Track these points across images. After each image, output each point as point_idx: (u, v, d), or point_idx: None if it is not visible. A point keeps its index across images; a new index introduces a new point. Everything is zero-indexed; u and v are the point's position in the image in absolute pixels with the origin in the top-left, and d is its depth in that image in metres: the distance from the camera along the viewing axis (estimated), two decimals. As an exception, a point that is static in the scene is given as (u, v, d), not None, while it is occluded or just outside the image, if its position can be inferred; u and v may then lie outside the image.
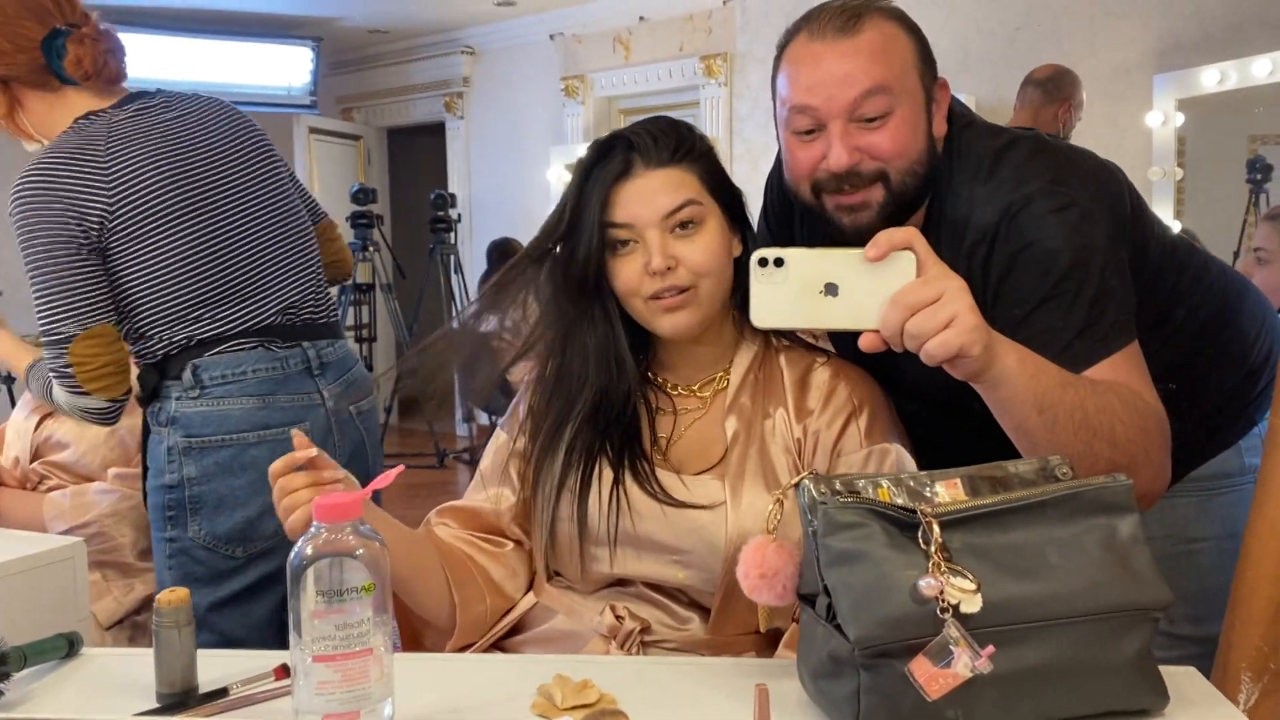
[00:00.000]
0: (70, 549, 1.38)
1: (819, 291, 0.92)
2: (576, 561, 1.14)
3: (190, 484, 1.51)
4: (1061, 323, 1.06)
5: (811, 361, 1.20)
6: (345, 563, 0.81)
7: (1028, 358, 0.96)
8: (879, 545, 0.83)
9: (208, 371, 1.52)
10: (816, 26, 1.10)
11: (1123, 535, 0.86)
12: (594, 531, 1.13)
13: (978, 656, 0.78)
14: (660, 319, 1.12)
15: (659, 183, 1.11)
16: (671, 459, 1.16)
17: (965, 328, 0.88)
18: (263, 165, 1.63)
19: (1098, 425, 0.98)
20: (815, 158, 1.11)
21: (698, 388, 1.19)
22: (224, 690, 0.93)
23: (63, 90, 1.54)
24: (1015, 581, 0.82)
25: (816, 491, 0.86)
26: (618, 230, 1.11)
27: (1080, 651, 0.82)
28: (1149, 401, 1.04)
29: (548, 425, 1.18)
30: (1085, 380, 1.01)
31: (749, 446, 1.14)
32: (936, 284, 0.89)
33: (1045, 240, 1.08)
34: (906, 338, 0.90)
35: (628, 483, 1.13)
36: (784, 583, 0.91)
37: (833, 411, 1.15)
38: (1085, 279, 1.07)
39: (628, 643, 1.10)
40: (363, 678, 0.81)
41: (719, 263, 1.13)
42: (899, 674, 0.79)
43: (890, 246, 0.90)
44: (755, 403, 1.16)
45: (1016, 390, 0.95)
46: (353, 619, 0.80)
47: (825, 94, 1.08)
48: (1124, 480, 0.87)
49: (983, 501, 0.85)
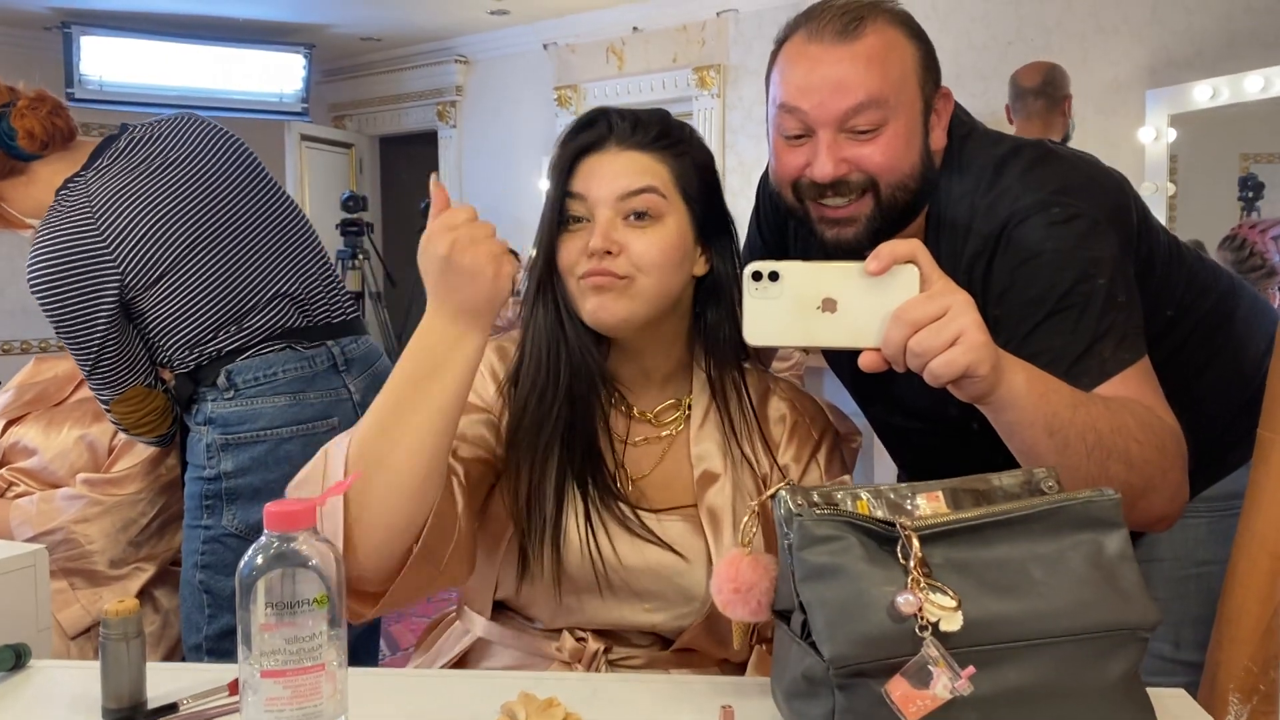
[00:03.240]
0: (31, 556, 1.34)
1: (816, 307, 0.88)
2: (548, 600, 1.06)
3: (227, 477, 1.59)
4: (1068, 338, 1.01)
5: (766, 388, 1.15)
6: (298, 573, 0.77)
7: (1036, 377, 0.91)
8: (856, 559, 0.79)
9: (241, 375, 1.59)
10: (816, 26, 1.04)
11: (1110, 551, 0.82)
12: (573, 572, 1.05)
13: (957, 678, 0.74)
14: (586, 299, 1.03)
15: (623, 164, 1.04)
16: (638, 496, 1.09)
17: (972, 345, 0.84)
18: (247, 173, 1.64)
19: (1112, 446, 0.93)
20: (800, 164, 1.06)
21: (656, 413, 1.12)
22: (174, 706, 0.89)
23: (30, 167, 1.59)
24: (997, 599, 0.79)
25: (793, 503, 0.82)
26: (574, 201, 1.04)
27: (1065, 673, 0.79)
28: (1164, 419, 0.99)
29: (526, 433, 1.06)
30: (1097, 399, 0.96)
31: (724, 483, 1.08)
32: (941, 299, 0.85)
33: (1049, 253, 1.03)
34: (910, 356, 0.85)
35: (603, 515, 1.04)
36: (759, 598, 0.88)
37: (797, 445, 1.12)
38: (1093, 292, 1.02)
39: (593, 664, 1.06)
40: (314, 694, 0.77)
41: (667, 262, 1.03)
42: (875, 695, 0.76)
43: (892, 259, 0.86)
44: (723, 434, 1.10)
45: (1025, 412, 0.90)
46: (304, 633, 0.76)
47: (816, 100, 1.03)
48: (1111, 494, 0.84)
49: (964, 515, 0.82)
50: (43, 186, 1.58)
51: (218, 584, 1.59)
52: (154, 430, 1.65)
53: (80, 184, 1.55)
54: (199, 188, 1.59)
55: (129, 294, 1.55)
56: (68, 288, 1.52)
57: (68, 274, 1.52)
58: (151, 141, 1.60)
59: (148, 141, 1.60)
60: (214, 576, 1.59)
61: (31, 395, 1.84)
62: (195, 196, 1.58)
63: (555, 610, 1.08)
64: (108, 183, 1.55)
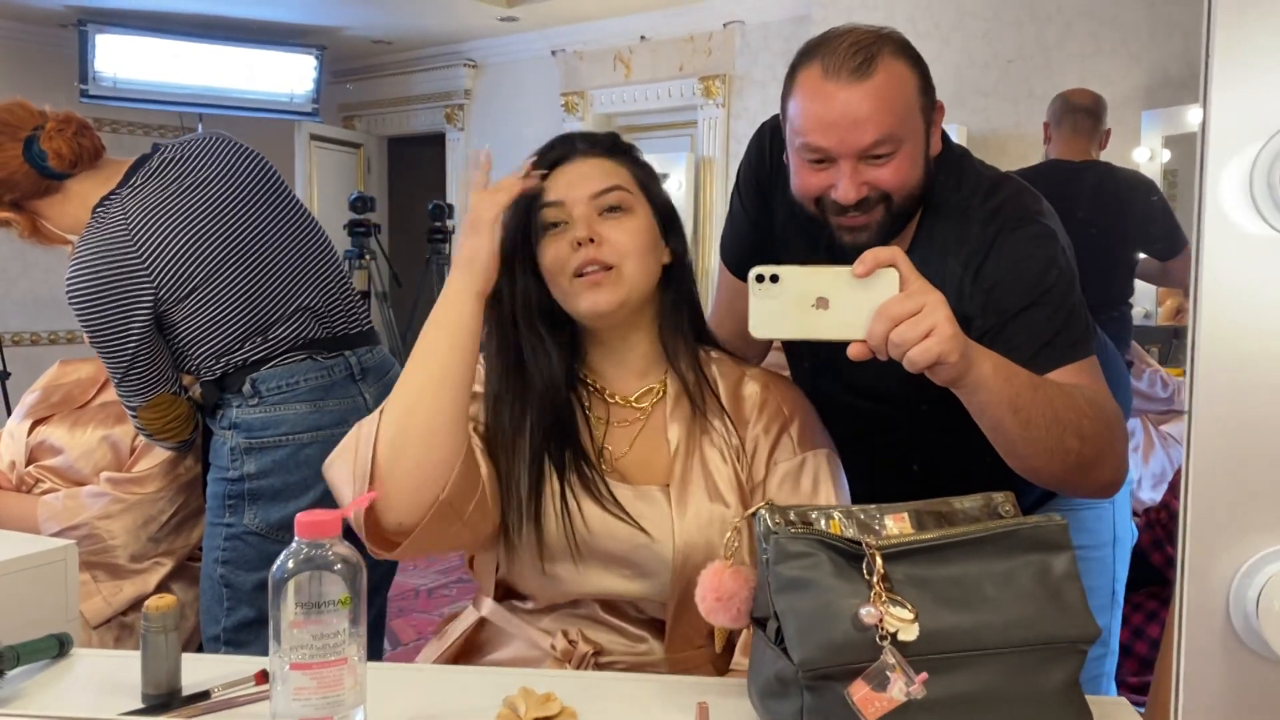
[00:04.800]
0: (62, 551, 1.43)
1: (811, 305, 1.01)
2: (534, 574, 1.17)
3: (250, 479, 1.69)
4: (1040, 327, 1.18)
5: (741, 373, 1.27)
6: (324, 576, 0.86)
7: (1001, 364, 1.05)
8: (826, 574, 0.88)
9: (265, 384, 1.68)
10: (831, 64, 1.17)
11: (1056, 571, 0.91)
12: (552, 544, 1.15)
13: (911, 683, 0.83)
14: (582, 296, 1.16)
15: (591, 167, 1.20)
16: (619, 471, 1.20)
17: (943, 337, 0.97)
18: (271, 191, 1.74)
19: (1067, 422, 1.07)
20: (823, 184, 1.21)
21: (635, 398, 1.24)
22: (206, 693, 0.98)
23: (63, 186, 1.69)
24: (952, 612, 0.88)
25: (771, 521, 0.92)
26: (550, 210, 1.18)
27: (1010, 680, 0.87)
28: (1109, 403, 1.16)
29: (504, 426, 1.18)
30: (1053, 382, 1.11)
31: (690, 457, 1.19)
32: (918, 298, 0.98)
33: (1034, 260, 1.21)
34: (890, 347, 0.98)
35: (577, 491, 1.16)
36: (739, 606, 0.96)
37: (766, 420, 1.23)
38: (1065, 294, 1.20)
39: (582, 665, 1.14)
40: (337, 685, 0.86)
41: (644, 246, 1.18)
42: (839, 696, 0.84)
43: (876, 264, 0.99)
44: (695, 412, 1.21)
45: (993, 394, 1.03)
46: (329, 630, 0.85)
47: (838, 137, 1.17)
48: (1058, 520, 0.93)
49: (925, 536, 0.91)
50: (77, 203, 1.68)
51: (237, 579, 1.68)
52: (177, 436, 1.75)
53: (116, 202, 1.65)
54: (228, 207, 1.69)
55: (162, 306, 1.65)
56: (105, 301, 1.61)
57: (105, 288, 1.61)
58: (182, 162, 1.70)
59: (179, 162, 1.70)
60: (234, 571, 1.68)
61: (58, 397, 1.93)
62: (225, 215, 1.68)
63: (541, 583, 1.18)
64: (142, 201, 1.65)
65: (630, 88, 5.75)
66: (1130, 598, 2.17)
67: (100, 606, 1.79)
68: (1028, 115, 4.20)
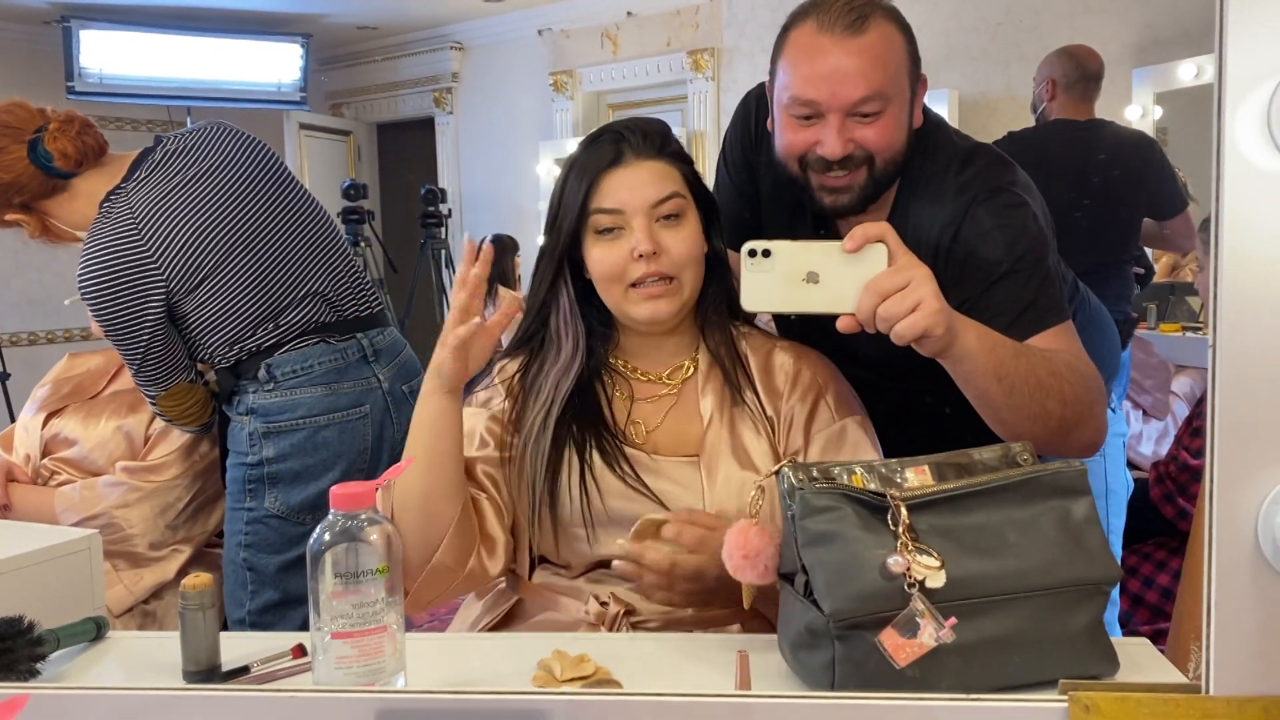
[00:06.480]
0: (86, 540, 1.44)
1: (802, 279, 1.03)
2: (556, 541, 1.21)
3: (269, 463, 1.71)
4: (1017, 294, 1.20)
5: (772, 346, 1.29)
6: (360, 547, 0.88)
7: (985, 334, 1.07)
8: (852, 527, 0.90)
9: (280, 368, 1.70)
10: (825, 19, 1.18)
11: (1076, 516, 0.93)
12: (567, 512, 1.18)
13: (941, 628, 0.85)
14: (638, 306, 1.19)
15: (647, 173, 1.19)
16: (652, 445, 1.23)
17: (929, 311, 0.99)
18: (274, 176, 1.75)
19: (1050, 387, 1.10)
20: (809, 141, 1.21)
21: (666, 374, 1.26)
22: (246, 668, 0.99)
23: (69, 184, 1.70)
24: (977, 559, 0.89)
25: (795, 478, 0.93)
26: (605, 216, 1.18)
27: (1036, 623, 0.89)
28: (1088, 366, 1.18)
29: (535, 410, 1.22)
30: (1035, 349, 1.14)
31: (722, 428, 1.21)
32: (905, 273, 1.00)
33: (1007, 229, 1.22)
34: (878, 320, 1.00)
35: (595, 463, 1.19)
36: (765, 563, 0.98)
37: (801, 391, 1.24)
38: (1040, 261, 1.22)
39: (615, 625, 1.16)
40: (378, 653, 0.88)
41: (698, 254, 1.21)
42: (870, 644, 0.86)
43: (865, 239, 1.01)
44: (727, 385, 1.24)
45: (977, 363, 1.06)
46: (368, 599, 0.87)
47: (828, 90, 1.18)
48: (1078, 465, 0.95)
49: (947, 486, 0.92)
50: (84, 200, 1.68)
51: (261, 562, 1.70)
52: (196, 420, 1.77)
53: (122, 196, 1.66)
54: (233, 195, 1.70)
55: (173, 297, 1.66)
56: (116, 296, 1.63)
57: (116, 282, 1.62)
58: (185, 153, 1.71)
59: (182, 153, 1.71)
60: (256, 555, 1.70)
61: (68, 389, 1.94)
62: (230, 203, 1.69)
63: (570, 545, 1.21)
64: (148, 194, 1.66)
65: (619, 64, 5.73)
66: (1139, 548, 2.20)
67: (122, 595, 1.81)
68: (1019, 78, 4.20)
